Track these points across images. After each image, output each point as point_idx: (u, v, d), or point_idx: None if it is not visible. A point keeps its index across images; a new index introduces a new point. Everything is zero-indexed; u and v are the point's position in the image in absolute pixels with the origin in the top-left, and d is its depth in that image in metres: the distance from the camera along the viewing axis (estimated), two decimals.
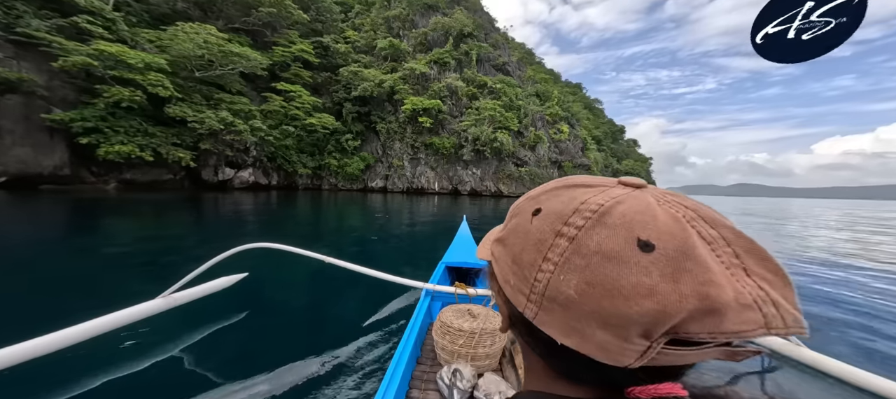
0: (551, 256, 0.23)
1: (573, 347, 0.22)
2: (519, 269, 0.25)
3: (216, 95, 19.99)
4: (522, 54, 47.45)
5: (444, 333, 1.54)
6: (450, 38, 34.74)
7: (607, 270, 0.21)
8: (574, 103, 43.07)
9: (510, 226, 0.28)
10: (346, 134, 28.66)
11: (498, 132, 29.58)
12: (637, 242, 0.21)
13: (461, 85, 32.18)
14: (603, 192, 0.24)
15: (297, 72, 26.46)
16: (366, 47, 33.78)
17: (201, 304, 2.00)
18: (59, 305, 2.72)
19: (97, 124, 15.09)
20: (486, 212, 14.66)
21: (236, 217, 9.21)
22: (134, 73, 14.91)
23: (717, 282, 0.19)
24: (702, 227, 0.22)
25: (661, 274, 0.20)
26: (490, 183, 31.80)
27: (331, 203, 15.85)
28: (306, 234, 7.23)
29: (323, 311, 2.84)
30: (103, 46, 13.81)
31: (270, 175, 25.89)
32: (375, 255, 5.47)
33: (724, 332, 0.19)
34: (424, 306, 1.89)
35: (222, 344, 2.23)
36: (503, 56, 40.26)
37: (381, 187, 31.07)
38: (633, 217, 0.22)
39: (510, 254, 0.27)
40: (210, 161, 21.66)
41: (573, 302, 0.22)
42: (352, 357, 2.07)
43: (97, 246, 4.99)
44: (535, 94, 38.60)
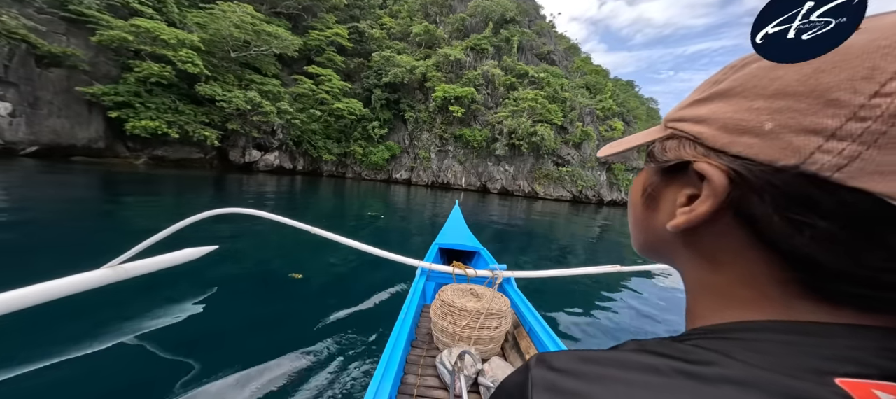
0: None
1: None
2: (806, 98, 0.17)
3: (248, 76, 19.97)
4: (567, 46, 42.64)
5: (444, 314, 1.45)
6: (490, 24, 32.05)
7: None
8: (630, 99, 37.28)
9: (741, 73, 0.20)
10: (374, 121, 27.69)
11: (538, 125, 26.27)
12: None
13: (499, 73, 29.38)
14: None
15: (331, 56, 26.06)
16: (401, 34, 32.59)
17: (163, 278, 1.90)
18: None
19: (129, 99, 15.52)
20: (516, 215, 12.47)
21: (239, 195, 8.79)
22: (167, 49, 14.98)
23: None
24: None
25: None
26: (524, 182, 28.61)
27: (350, 192, 15.00)
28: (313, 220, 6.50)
29: (306, 288, 2.61)
30: (140, 22, 13.93)
31: (296, 159, 25.90)
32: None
33: None
34: (419, 286, 1.79)
35: (189, 327, 1.90)
36: (548, 44, 36.41)
37: (406, 179, 29.71)
38: None
39: (769, 91, 0.18)
40: (239, 142, 21.98)
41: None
42: (340, 340, 1.89)
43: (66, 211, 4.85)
44: (584, 86, 33.99)
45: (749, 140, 0.17)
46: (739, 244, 0.18)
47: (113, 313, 1.96)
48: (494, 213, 11.91)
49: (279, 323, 2.20)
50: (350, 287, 2.75)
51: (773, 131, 0.17)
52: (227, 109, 17.89)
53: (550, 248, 6.57)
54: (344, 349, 1.89)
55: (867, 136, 0.14)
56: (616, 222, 13.65)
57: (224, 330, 2.07)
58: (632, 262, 2.55)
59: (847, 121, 0.15)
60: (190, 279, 2.41)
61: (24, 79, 13.77)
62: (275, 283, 2.84)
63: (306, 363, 1.76)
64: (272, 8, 24.08)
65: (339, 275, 3.08)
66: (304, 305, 2.50)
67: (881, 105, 0.14)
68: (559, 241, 7.75)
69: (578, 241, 8.13)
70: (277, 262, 3.34)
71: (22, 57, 13.45)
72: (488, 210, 13.12)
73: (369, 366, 1.74)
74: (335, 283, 2.92)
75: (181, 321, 2.04)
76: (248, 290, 2.57)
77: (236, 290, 2.55)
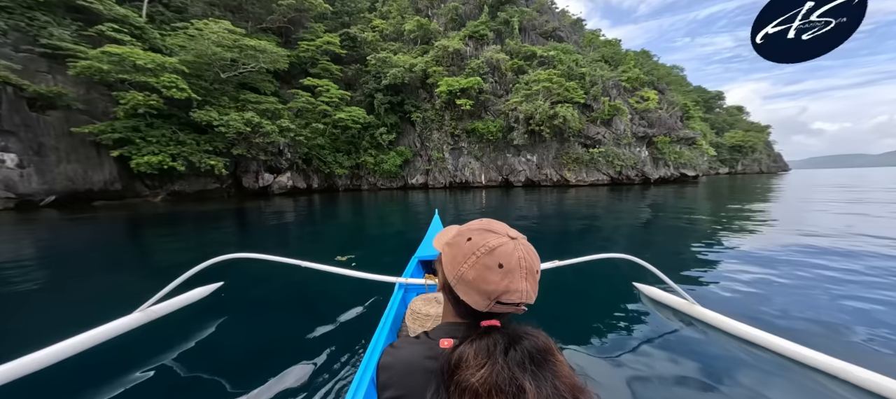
0: (468, 263, 0.55)
1: (465, 300, 0.55)
2: (455, 261, 0.57)
3: (242, 96, 19.13)
4: (571, 22, 39.95)
5: (414, 320, 1.64)
6: (485, 8, 30.31)
7: (484, 273, 0.53)
8: (657, 67, 33.81)
9: (456, 240, 0.59)
10: (380, 127, 26.39)
11: (558, 106, 23.95)
12: (498, 265, 0.53)
13: (503, 57, 27.49)
14: (498, 238, 0.56)
15: (326, 66, 25.08)
16: (394, 34, 31.40)
17: (176, 316, 2.25)
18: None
19: (128, 135, 14.77)
20: (547, 209, 10.48)
21: (259, 225, 8.49)
22: (146, 75, 14.17)
23: (516, 282, 0.53)
24: (524, 263, 0.54)
25: (501, 277, 0.52)
26: (550, 170, 26.26)
27: (364, 206, 13.84)
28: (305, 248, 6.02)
29: (298, 313, 2.79)
30: (110, 49, 13.14)
31: (310, 178, 24.96)
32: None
33: (514, 302, 0.53)
34: (397, 298, 1.95)
35: (198, 355, 2.06)
36: (552, 21, 34.15)
37: (422, 183, 28.14)
38: (501, 253, 0.54)
39: (453, 253, 0.58)
40: (250, 167, 21.22)
41: (470, 282, 0.54)
42: (328, 354, 1.97)
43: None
44: (601, 60, 31.24)
45: (448, 268, 0.59)
46: (445, 298, 0.63)
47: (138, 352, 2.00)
48: (518, 211, 10.16)
49: (260, 340, 2.29)
50: (334, 306, 2.72)
51: (450, 269, 0.58)
52: (228, 134, 16.97)
53: (583, 244, 5.52)
54: (326, 360, 1.92)
55: (457, 278, 0.56)
56: (668, 203, 11.29)
57: (203, 353, 2.11)
58: (574, 255, 2.26)
59: (456, 273, 0.56)
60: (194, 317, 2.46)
61: (21, 125, 13.23)
62: (257, 303, 2.98)
63: (284, 374, 1.80)
64: (258, 25, 23.40)
65: (324, 295, 3.13)
66: (286, 322, 2.59)
67: (460, 272, 0.56)
68: (599, 232, 6.48)
69: (623, 228, 6.84)
70: (270, 290, 3.39)
71: (11, 101, 12.83)
72: (511, 207, 11.29)
73: (352, 372, 1.79)
74: (317, 303, 3.01)
75: (170, 351, 2.06)
76: (229, 314, 2.59)
77: (219, 314, 2.55)
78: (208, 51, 16.61)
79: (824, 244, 4.59)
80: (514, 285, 0.52)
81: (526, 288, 0.53)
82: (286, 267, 2.08)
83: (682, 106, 30.83)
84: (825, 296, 2.76)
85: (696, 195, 14.94)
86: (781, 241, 4.82)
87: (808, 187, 18.62)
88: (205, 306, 2.48)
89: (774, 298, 2.72)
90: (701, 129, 32.31)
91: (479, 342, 0.48)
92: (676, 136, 28.10)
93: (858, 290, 2.84)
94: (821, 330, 2.16)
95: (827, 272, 3.35)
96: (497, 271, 0.52)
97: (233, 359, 2.05)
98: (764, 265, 3.67)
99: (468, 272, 0.54)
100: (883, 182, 21.75)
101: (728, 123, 65.34)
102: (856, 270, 3.38)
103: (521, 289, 0.53)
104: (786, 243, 4.71)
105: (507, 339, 0.48)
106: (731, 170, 61.87)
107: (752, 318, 2.17)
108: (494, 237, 0.56)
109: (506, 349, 0.46)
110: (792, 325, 2.24)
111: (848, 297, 2.72)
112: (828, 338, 2.06)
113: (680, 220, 7.62)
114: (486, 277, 0.53)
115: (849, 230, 5.52)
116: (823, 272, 3.36)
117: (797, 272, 3.39)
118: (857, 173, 56.28)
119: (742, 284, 3.07)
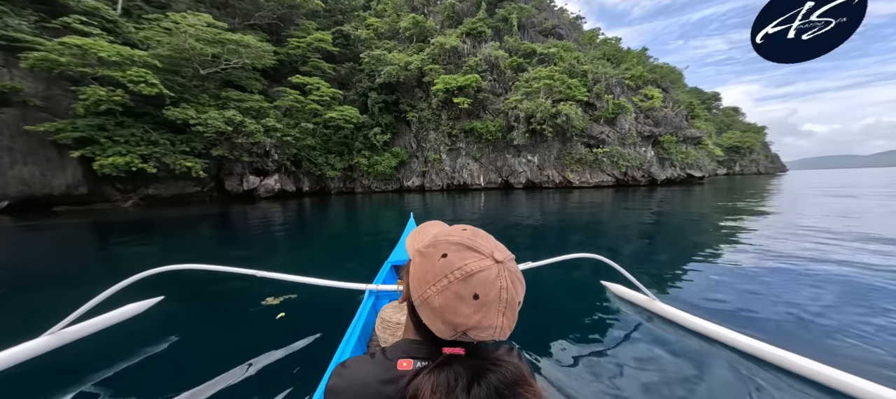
0: (437, 285, 0.45)
1: (428, 325, 0.47)
2: (422, 279, 0.48)
3: (224, 93, 17.80)
4: (570, 21, 39.18)
5: (384, 329, 1.54)
6: (483, 5, 29.37)
7: (455, 302, 0.44)
8: (658, 67, 33.03)
9: (429, 251, 0.49)
10: (374, 128, 25.16)
11: (561, 104, 22.88)
12: (473, 295, 0.44)
13: (502, 54, 26.47)
14: (479, 261, 0.45)
15: (317, 63, 23.86)
16: (389, 32, 30.32)
17: (99, 339, 1.95)
18: None
19: (92, 134, 13.39)
20: (549, 212, 9.65)
21: (245, 229, 7.75)
22: (111, 69, 12.82)
23: (491, 317, 0.44)
24: (505, 295, 0.44)
25: (474, 311, 0.44)
26: (552, 171, 25.13)
27: (353, 208, 12.89)
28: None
29: (254, 330, 2.39)
30: (69, 40, 11.80)
31: (301, 180, 23.61)
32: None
33: (483, 339, 0.45)
34: (367, 306, 1.83)
35: (125, 384, 1.76)
36: (551, 18, 33.31)
37: (418, 186, 26.89)
38: (480, 281, 0.44)
39: (422, 267, 0.48)
40: (234, 169, 19.87)
41: (436, 309, 0.46)
42: (288, 377, 1.75)
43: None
44: (602, 57, 30.33)
45: (413, 283, 0.50)
46: (408, 313, 0.55)
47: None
48: (516, 215, 9.28)
49: (212, 358, 2.02)
50: (296, 316, 2.54)
51: (416, 286, 0.49)
52: (206, 133, 15.62)
53: (591, 247, 5.08)
54: (287, 375, 1.78)
55: (422, 300, 0.47)
56: (675, 205, 10.55)
57: (142, 377, 1.85)
58: (548, 255, 2.30)
59: (422, 294, 0.47)
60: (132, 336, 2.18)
61: None
62: (207, 319, 2.67)
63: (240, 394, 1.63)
64: (246, 21, 22.17)
65: (285, 304, 2.77)
66: (243, 337, 2.31)
67: (426, 294, 0.46)
68: (605, 236, 6.09)
69: (630, 231, 6.43)
70: (220, 305, 2.97)
71: None
72: (510, 211, 10.39)
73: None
74: (283, 322, 2.52)
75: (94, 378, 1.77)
76: (174, 332, 2.29)
77: (160, 334, 2.24)
78: (185, 45, 15.32)
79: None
80: (487, 321, 0.44)
81: (501, 324, 0.45)
82: (240, 278, 1.97)
83: (687, 104, 29.99)
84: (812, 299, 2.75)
85: (707, 196, 14.25)
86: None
87: (820, 190, 17.69)
88: (136, 327, 2.17)
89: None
90: (707, 130, 31.45)
91: (439, 375, 0.42)
92: (683, 135, 27.15)
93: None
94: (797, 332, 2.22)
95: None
96: (470, 303, 0.44)
97: (170, 387, 1.70)
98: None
99: (435, 298, 0.45)
100: (869, 182, 21.34)
101: (725, 124, 65.15)
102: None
103: (495, 325, 0.44)
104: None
105: (470, 372, 0.42)
106: (729, 171, 61.46)
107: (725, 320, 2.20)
108: (475, 259, 0.46)
109: (468, 386, 0.41)
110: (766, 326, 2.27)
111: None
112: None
113: (719, 235, 6.41)
114: (455, 308, 0.44)
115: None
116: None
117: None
118: (846, 173, 56.75)
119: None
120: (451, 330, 0.45)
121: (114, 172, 13.47)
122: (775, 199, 11.85)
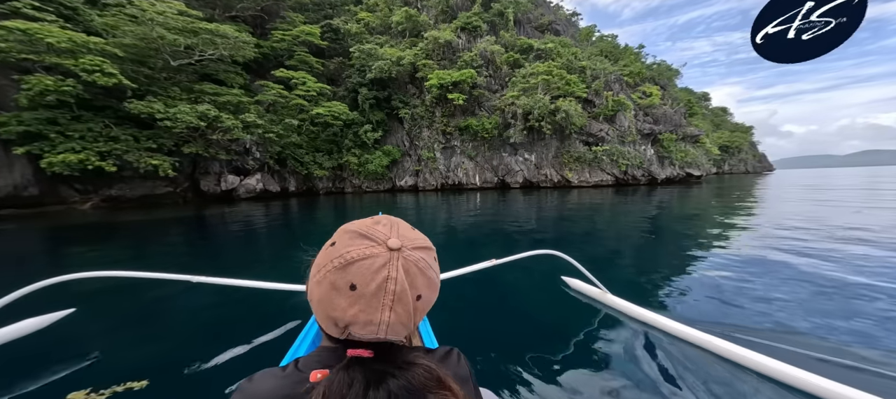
0: (317, 276, 0.41)
1: (320, 323, 0.43)
2: (311, 272, 0.44)
3: (198, 86, 16.28)
4: (566, 17, 38.58)
5: None
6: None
7: (330, 294, 0.40)
8: (649, 67, 32.64)
9: (327, 242, 0.44)
10: (365, 125, 23.88)
11: (559, 100, 22.01)
12: (350, 285, 0.38)
13: (498, 50, 25.52)
14: (367, 248, 0.40)
15: (304, 58, 22.46)
16: (381, 27, 29.08)
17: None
18: None
19: (40, 129, 11.81)
20: (546, 213, 8.97)
21: (224, 231, 7.13)
22: (63, 57, 11.29)
23: (372, 312, 0.38)
24: (394, 287, 0.39)
25: (350, 303, 0.39)
26: (550, 170, 24.24)
27: (343, 209, 12.13)
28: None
29: (189, 344, 2.18)
30: (9, 24, 10.28)
31: (286, 180, 22.14)
32: None
33: (369, 337, 0.40)
34: None
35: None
36: (547, 14, 32.62)
37: (412, 185, 25.68)
38: (359, 270, 0.39)
39: (316, 259, 0.43)
40: (211, 168, 18.32)
41: (316, 303, 0.42)
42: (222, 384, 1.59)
43: None
44: (600, 54, 29.68)
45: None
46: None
47: None
48: (510, 216, 8.58)
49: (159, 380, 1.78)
50: (237, 325, 2.37)
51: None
52: (176, 129, 14.13)
53: (587, 250, 4.80)
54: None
55: (309, 293, 0.43)
56: (674, 205, 10.01)
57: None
58: (510, 253, 2.26)
59: (310, 286, 0.43)
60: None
61: None
62: (133, 333, 2.40)
63: None
64: (227, 13, 20.66)
65: (228, 312, 2.60)
66: (173, 351, 2.10)
67: (309, 285, 0.44)
68: (603, 237, 5.81)
69: (631, 232, 6.13)
70: (147, 316, 2.69)
71: None
72: (503, 212, 9.64)
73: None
74: (218, 322, 2.47)
75: None
76: (85, 348, 2.05)
77: (70, 351, 2.00)
78: (152, 34, 13.82)
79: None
80: (366, 316, 0.39)
81: (388, 320, 0.39)
82: (172, 284, 1.84)
83: (685, 102, 29.61)
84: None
85: (709, 194, 13.65)
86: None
87: (810, 188, 17.32)
88: (36, 342, 1.81)
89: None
90: (703, 127, 31.18)
91: (332, 383, 0.37)
92: (682, 133, 26.68)
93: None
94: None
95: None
96: (346, 294, 0.39)
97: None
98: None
99: (314, 289, 0.42)
100: (845, 182, 21.02)
101: (715, 124, 65.95)
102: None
103: (379, 321, 0.39)
104: None
105: (367, 378, 0.37)
106: (718, 170, 62.17)
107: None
108: (362, 245, 0.40)
109: (363, 391, 0.36)
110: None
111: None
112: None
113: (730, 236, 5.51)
114: (331, 300, 0.40)
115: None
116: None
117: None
118: (822, 173, 58.47)
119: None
120: (334, 326, 0.41)
121: (65, 171, 11.90)
122: (774, 199, 11.28)
